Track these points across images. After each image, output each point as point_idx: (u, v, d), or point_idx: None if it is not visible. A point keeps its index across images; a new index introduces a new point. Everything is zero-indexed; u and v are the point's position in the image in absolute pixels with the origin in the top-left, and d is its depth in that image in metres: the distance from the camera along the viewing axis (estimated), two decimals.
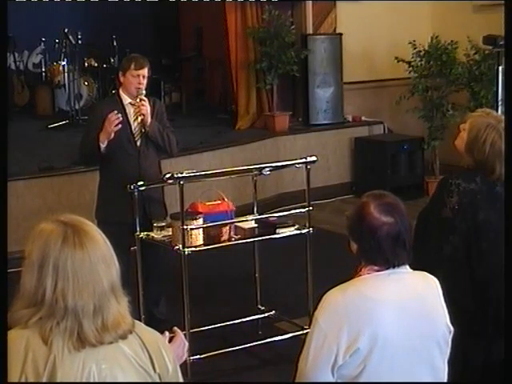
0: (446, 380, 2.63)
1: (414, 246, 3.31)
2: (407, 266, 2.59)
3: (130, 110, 4.98)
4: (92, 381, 1.92)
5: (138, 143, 4.97)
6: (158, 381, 2.03)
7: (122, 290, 2.06)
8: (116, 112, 4.80)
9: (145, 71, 4.94)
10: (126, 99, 4.98)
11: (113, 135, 4.81)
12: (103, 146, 4.82)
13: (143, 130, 4.95)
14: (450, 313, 2.66)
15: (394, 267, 2.54)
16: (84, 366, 1.93)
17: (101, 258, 1.98)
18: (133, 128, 4.99)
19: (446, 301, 2.66)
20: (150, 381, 2.01)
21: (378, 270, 2.55)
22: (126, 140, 4.92)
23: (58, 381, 1.89)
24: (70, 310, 1.92)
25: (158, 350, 2.05)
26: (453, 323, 2.65)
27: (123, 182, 4.79)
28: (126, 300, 2.06)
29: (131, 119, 4.98)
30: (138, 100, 4.91)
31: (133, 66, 4.91)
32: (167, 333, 2.35)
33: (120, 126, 4.81)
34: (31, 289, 1.94)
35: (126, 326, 2.00)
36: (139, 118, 4.94)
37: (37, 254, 1.95)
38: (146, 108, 4.90)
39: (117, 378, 1.96)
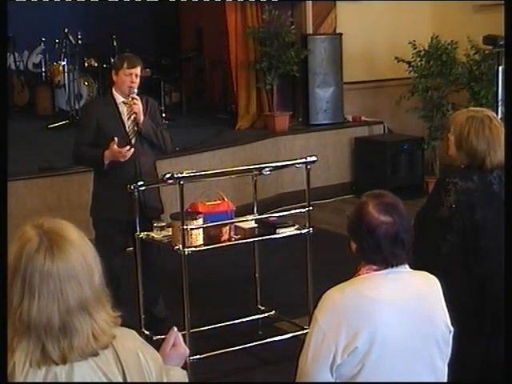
0: (445, 380, 2.63)
1: (411, 244, 3.32)
2: (407, 266, 2.59)
3: (124, 109, 5.00)
4: None
5: (133, 141, 4.98)
6: None
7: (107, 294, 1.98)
8: (128, 148, 4.84)
9: (137, 70, 4.95)
10: (119, 98, 5.00)
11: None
12: (107, 163, 4.85)
13: (136, 129, 4.96)
14: (447, 311, 2.66)
15: (392, 267, 2.54)
16: (45, 378, 1.87)
17: (71, 274, 1.88)
18: (127, 127, 5.00)
19: (444, 299, 2.65)
20: None
21: (376, 270, 2.55)
22: (120, 139, 4.91)
23: None
24: (32, 328, 1.86)
25: (136, 360, 1.97)
26: (451, 322, 2.65)
27: (121, 179, 4.82)
28: (109, 310, 1.97)
29: (125, 118, 4.99)
30: (130, 99, 4.92)
31: (125, 65, 4.93)
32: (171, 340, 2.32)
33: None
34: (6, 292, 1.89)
35: (100, 343, 1.91)
36: (132, 117, 4.95)
37: (12, 260, 1.88)
38: (138, 106, 4.92)
39: None
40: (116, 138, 4.83)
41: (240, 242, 4.73)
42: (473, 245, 3.33)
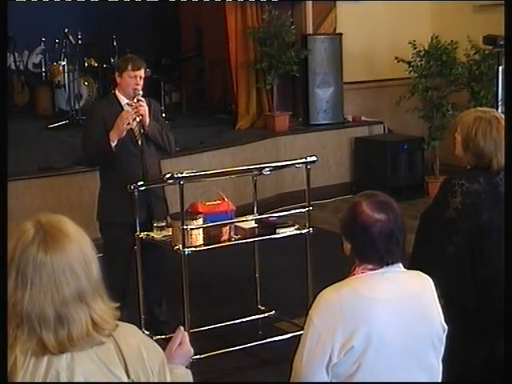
0: (440, 378, 2.64)
1: (417, 245, 3.32)
2: (400, 265, 2.60)
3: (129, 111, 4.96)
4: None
5: (140, 143, 4.96)
6: None
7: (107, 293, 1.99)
8: (129, 109, 4.81)
9: (142, 72, 4.92)
10: (123, 100, 4.95)
11: (125, 133, 4.80)
12: (114, 144, 4.79)
13: (142, 131, 4.93)
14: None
15: (387, 265, 2.55)
16: (47, 370, 1.88)
17: (66, 265, 1.89)
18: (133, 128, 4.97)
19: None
20: None
21: (372, 269, 2.56)
22: (128, 140, 4.89)
23: (19, 381, 1.84)
24: (25, 319, 1.87)
25: (138, 355, 1.98)
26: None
27: (128, 182, 4.78)
28: (107, 301, 1.97)
29: (131, 119, 4.96)
30: (135, 101, 4.89)
31: (130, 67, 4.89)
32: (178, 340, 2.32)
33: (134, 123, 4.83)
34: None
35: (101, 332, 1.92)
36: (137, 119, 4.92)
37: (9, 254, 1.91)
38: (145, 108, 4.87)
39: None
40: (128, 108, 4.82)
41: (240, 242, 4.73)
42: (478, 246, 3.32)
